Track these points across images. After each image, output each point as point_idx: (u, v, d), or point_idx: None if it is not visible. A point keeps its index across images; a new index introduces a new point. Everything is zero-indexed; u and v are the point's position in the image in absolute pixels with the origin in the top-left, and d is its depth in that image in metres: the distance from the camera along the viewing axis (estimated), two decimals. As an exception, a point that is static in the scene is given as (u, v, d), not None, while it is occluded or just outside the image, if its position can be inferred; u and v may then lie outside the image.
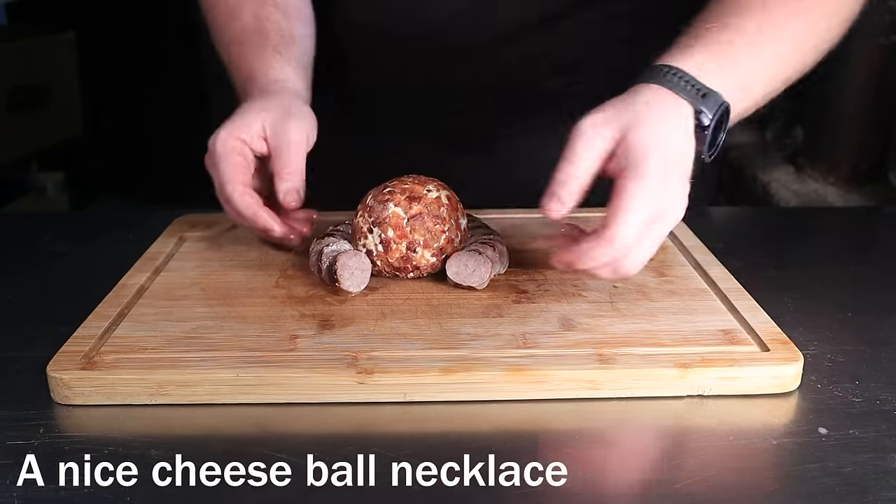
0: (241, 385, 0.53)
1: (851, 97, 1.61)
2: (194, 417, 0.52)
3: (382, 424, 0.52)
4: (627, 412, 0.52)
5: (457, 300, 0.63)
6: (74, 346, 0.56)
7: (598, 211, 0.59)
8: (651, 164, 0.56)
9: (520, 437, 0.51)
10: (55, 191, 2.46)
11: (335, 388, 0.53)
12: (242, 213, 0.68)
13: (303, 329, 0.59)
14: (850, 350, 0.60)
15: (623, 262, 0.58)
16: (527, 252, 0.72)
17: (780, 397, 0.54)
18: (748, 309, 0.61)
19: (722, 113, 0.60)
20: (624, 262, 0.58)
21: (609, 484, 0.46)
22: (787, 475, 0.46)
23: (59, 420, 0.52)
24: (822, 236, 0.92)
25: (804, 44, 0.67)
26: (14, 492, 0.45)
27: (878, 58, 1.54)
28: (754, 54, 0.63)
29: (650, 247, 0.58)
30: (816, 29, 0.67)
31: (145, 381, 0.53)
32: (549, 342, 0.57)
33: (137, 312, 0.62)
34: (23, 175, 2.41)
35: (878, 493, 0.45)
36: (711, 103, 0.59)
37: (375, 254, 0.65)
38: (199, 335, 0.58)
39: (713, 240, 0.75)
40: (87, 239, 0.86)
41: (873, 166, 1.64)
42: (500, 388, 0.53)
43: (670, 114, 0.59)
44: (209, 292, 0.65)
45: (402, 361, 0.54)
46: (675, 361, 0.54)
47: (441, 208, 0.65)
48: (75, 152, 2.58)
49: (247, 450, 0.48)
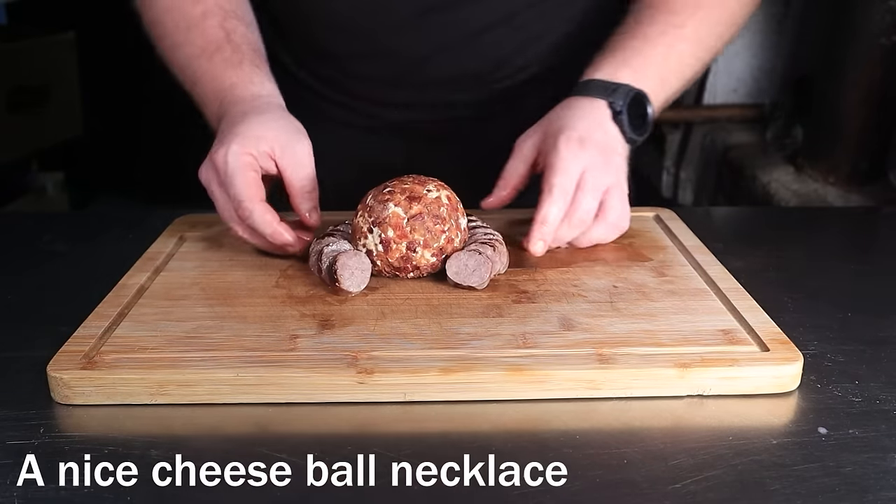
0: (241, 385, 0.53)
1: (851, 97, 1.61)
2: (194, 417, 0.52)
3: (382, 424, 0.52)
4: (627, 412, 0.52)
5: (457, 300, 0.63)
6: (74, 345, 0.56)
7: None
8: (567, 135, 0.70)
9: (520, 437, 0.51)
10: (55, 191, 2.46)
11: (335, 387, 0.53)
12: (261, 229, 0.67)
13: (303, 329, 0.59)
14: (850, 350, 0.60)
15: (577, 214, 0.69)
16: (527, 252, 0.72)
17: (780, 397, 0.54)
18: (748, 309, 0.61)
19: (633, 99, 0.74)
20: (577, 213, 0.69)
21: (609, 484, 0.46)
22: (787, 475, 0.46)
23: (59, 420, 0.52)
24: (822, 236, 0.92)
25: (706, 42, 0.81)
26: (14, 492, 0.45)
27: (878, 58, 1.54)
28: (663, 53, 0.77)
29: (593, 197, 0.69)
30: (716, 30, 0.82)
31: (145, 381, 0.53)
32: (549, 342, 0.57)
33: (137, 312, 0.62)
34: (23, 175, 2.41)
35: (878, 493, 0.45)
36: (620, 93, 0.74)
37: (375, 254, 0.65)
38: (199, 335, 0.58)
39: (713, 240, 0.75)
40: (87, 239, 0.86)
41: (873, 166, 1.64)
42: (500, 387, 0.53)
43: (584, 108, 0.73)
44: (209, 292, 0.65)
45: (402, 361, 0.54)
46: (674, 361, 0.54)
47: (441, 208, 0.65)
48: (75, 152, 2.57)
49: (247, 450, 0.48)
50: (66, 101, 2.40)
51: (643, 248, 0.74)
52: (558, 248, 0.72)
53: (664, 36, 0.78)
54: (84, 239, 0.86)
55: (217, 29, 0.78)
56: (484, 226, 0.70)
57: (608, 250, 0.73)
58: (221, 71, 0.76)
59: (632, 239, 0.75)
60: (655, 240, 0.76)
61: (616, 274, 0.68)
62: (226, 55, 0.77)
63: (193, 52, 0.78)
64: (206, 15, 0.79)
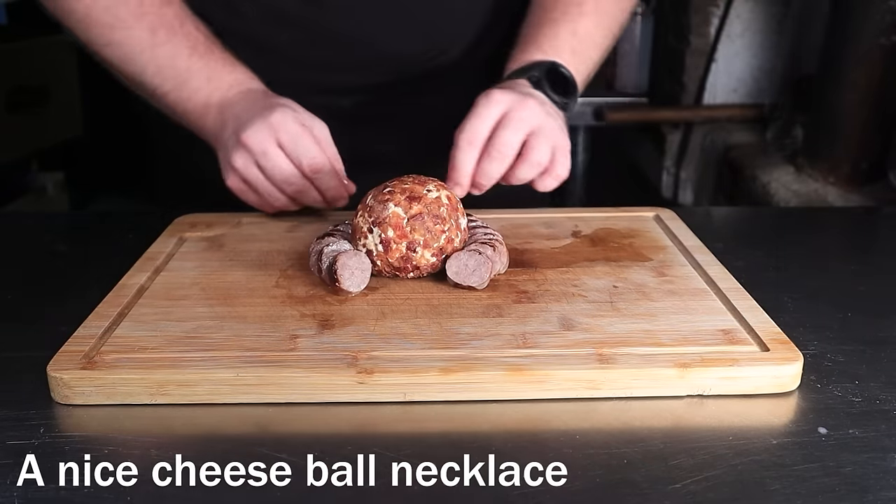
0: (241, 385, 0.53)
1: (851, 97, 1.61)
2: (194, 417, 0.52)
3: (382, 424, 0.52)
4: (627, 412, 0.52)
5: (457, 300, 0.63)
6: (74, 345, 0.56)
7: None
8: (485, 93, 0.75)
9: (520, 437, 0.51)
10: (55, 191, 2.46)
11: (335, 387, 0.53)
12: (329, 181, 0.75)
13: (303, 329, 0.59)
14: (850, 350, 0.60)
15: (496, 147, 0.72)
16: (527, 252, 0.72)
17: (780, 397, 0.54)
18: (748, 309, 0.61)
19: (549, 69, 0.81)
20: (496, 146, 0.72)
21: (609, 484, 0.46)
22: (787, 475, 0.46)
23: (59, 420, 0.52)
24: (822, 236, 0.92)
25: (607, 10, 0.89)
26: (14, 492, 0.45)
27: (878, 58, 1.54)
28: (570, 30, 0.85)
29: (514, 132, 0.73)
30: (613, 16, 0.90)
31: (145, 381, 0.53)
32: (549, 342, 0.57)
33: (137, 312, 0.62)
34: (23, 175, 2.41)
35: (878, 493, 0.45)
36: (535, 68, 0.81)
37: (375, 254, 0.65)
38: (199, 335, 0.58)
39: (713, 240, 0.75)
40: (87, 239, 0.86)
41: (873, 166, 1.64)
42: (500, 387, 0.53)
43: (508, 85, 0.79)
44: (209, 292, 0.65)
45: (402, 361, 0.54)
46: (674, 361, 0.54)
47: (441, 208, 0.65)
48: (75, 152, 2.57)
49: (247, 450, 0.48)
50: (66, 101, 2.41)
51: (643, 248, 0.74)
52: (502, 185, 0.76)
53: (566, 15, 0.86)
54: (84, 239, 0.86)
55: (196, 32, 0.81)
56: (484, 226, 0.70)
57: (608, 250, 0.73)
58: (221, 67, 0.80)
59: (632, 239, 0.75)
60: (655, 240, 0.76)
61: (616, 274, 0.68)
62: (218, 55, 0.81)
63: (181, 51, 0.80)
64: (182, 18, 0.81)
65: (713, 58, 2.07)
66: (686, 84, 2.15)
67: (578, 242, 0.75)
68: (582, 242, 0.75)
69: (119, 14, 0.79)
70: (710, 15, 2.06)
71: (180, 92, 0.80)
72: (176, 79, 0.80)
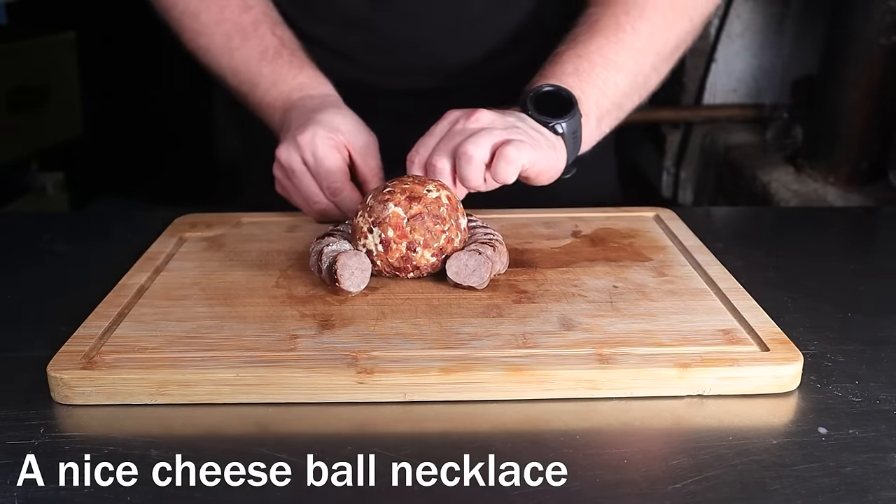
0: (241, 385, 0.53)
1: (851, 97, 1.61)
2: (194, 417, 0.52)
3: (382, 424, 0.52)
4: (627, 412, 0.52)
5: (457, 300, 0.63)
6: (74, 345, 0.56)
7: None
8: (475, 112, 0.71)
9: (520, 437, 0.51)
10: (55, 191, 2.45)
11: (335, 387, 0.53)
12: (348, 205, 0.75)
13: (303, 329, 0.59)
14: (850, 350, 0.60)
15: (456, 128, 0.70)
16: (527, 252, 0.72)
17: (780, 397, 0.54)
18: (748, 309, 0.61)
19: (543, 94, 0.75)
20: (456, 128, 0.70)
21: (609, 484, 0.46)
22: (787, 475, 0.46)
23: (59, 420, 0.52)
24: (822, 236, 0.92)
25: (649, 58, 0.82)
26: (14, 492, 0.45)
27: (878, 58, 1.54)
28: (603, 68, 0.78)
29: (472, 122, 0.70)
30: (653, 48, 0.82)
31: (145, 381, 0.53)
32: (549, 342, 0.57)
33: (137, 312, 0.62)
34: (23, 175, 2.41)
35: (878, 493, 0.45)
36: (527, 94, 0.75)
37: (375, 254, 0.65)
38: (199, 335, 0.58)
39: (713, 240, 0.75)
40: (87, 239, 0.86)
41: (873, 166, 1.64)
42: (500, 387, 0.53)
43: (509, 111, 0.74)
44: (209, 292, 0.65)
45: (402, 361, 0.54)
46: (674, 361, 0.54)
47: (441, 208, 0.65)
48: (75, 152, 2.57)
49: (247, 450, 0.48)
50: (66, 101, 2.40)
51: (643, 248, 0.74)
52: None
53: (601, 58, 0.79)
54: (84, 239, 0.86)
55: (271, 36, 0.85)
56: (484, 226, 0.70)
57: (608, 250, 0.73)
58: (286, 72, 0.83)
59: (632, 239, 0.75)
60: (655, 240, 0.76)
61: (616, 274, 0.68)
62: (286, 59, 0.84)
63: (252, 56, 0.84)
64: (258, 23, 0.85)
65: (713, 58, 2.07)
66: (686, 84, 2.15)
67: (578, 242, 0.75)
68: (582, 242, 0.75)
69: (202, 20, 0.86)
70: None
71: (254, 94, 0.85)
72: (249, 82, 0.85)
